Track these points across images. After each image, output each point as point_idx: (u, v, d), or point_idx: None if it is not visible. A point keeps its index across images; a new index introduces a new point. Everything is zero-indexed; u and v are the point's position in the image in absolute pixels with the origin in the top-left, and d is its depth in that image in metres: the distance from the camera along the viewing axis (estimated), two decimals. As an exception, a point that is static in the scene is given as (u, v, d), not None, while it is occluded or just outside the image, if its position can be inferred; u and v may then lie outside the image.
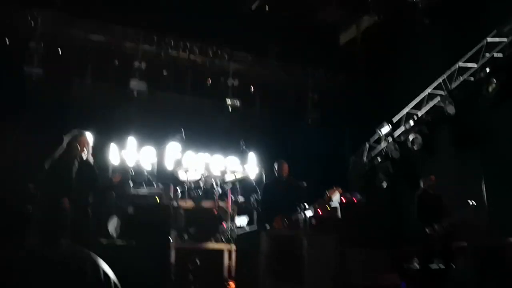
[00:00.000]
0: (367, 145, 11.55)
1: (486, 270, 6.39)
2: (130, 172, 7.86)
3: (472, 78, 9.27)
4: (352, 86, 11.69)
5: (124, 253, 6.10)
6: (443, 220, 7.32)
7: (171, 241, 7.09)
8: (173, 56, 10.50)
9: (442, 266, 7.46)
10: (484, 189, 8.80)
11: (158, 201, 7.21)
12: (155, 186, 7.83)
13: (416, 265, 8.85)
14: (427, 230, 7.35)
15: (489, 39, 8.89)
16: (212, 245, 7.66)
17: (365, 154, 11.63)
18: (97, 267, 1.68)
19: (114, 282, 1.68)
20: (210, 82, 10.91)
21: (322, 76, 11.80)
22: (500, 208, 8.46)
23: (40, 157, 6.23)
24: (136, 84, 9.80)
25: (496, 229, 8.30)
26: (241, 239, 6.75)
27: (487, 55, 8.92)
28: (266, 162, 9.27)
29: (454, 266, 7.00)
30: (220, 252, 7.54)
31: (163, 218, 6.97)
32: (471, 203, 7.42)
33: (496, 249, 6.65)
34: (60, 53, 9.52)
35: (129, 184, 7.60)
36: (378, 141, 11.26)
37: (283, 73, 11.52)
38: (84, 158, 5.95)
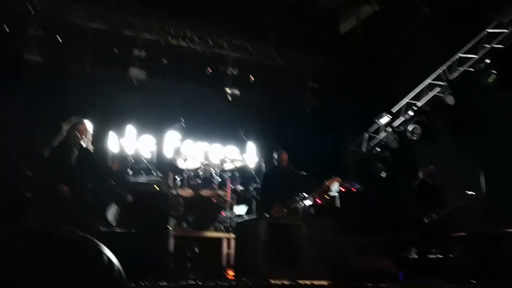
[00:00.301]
0: (366, 135, 11.56)
1: (483, 259, 6.42)
2: (129, 160, 7.88)
3: (472, 69, 9.25)
4: (352, 75, 11.67)
5: (123, 240, 6.10)
6: (441, 209, 7.35)
7: (170, 229, 7.12)
8: (173, 45, 10.47)
9: (440, 255, 7.50)
10: (483, 178, 8.82)
11: (157, 189, 7.22)
12: (154, 174, 7.85)
13: (414, 254, 8.90)
14: (425, 219, 7.39)
15: (489, 30, 8.87)
16: (211, 233, 7.69)
17: (364, 144, 11.64)
18: (100, 251, 1.68)
19: (118, 268, 1.68)
20: (210, 70, 10.89)
21: (321, 65, 11.76)
22: (498, 197, 8.49)
23: (39, 145, 6.25)
24: (135, 72, 9.77)
25: (494, 218, 8.33)
26: (240, 227, 6.77)
27: (487, 46, 8.90)
28: (265, 151, 9.30)
29: (451, 255, 7.03)
30: (219, 240, 7.57)
31: (162, 206, 6.97)
32: (469, 193, 7.44)
33: (493, 238, 6.68)
34: (59, 40, 9.48)
35: (128, 172, 7.61)
36: (377, 131, 11.27)
37: (282, 62, 11.48)
38: (84, 145, 5.96)
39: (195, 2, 9.75)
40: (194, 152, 8.67)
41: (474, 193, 7.49)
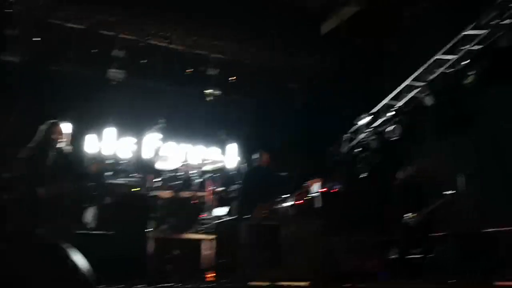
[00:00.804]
0: (347, 136, 11.59)
1: (464, 258, 6.46)
2: (108, 162, 7.78)
3: (450, 70, 9.33)
4: (332, 76, 11.70)
5: (102, 243, 6.03)
6: (422, 209, 7.38)
7: (149, 231, 7.04)
8: (153, 45, 10.36)
9: (421, 255, 7.53)
10: (463, 178, 8.89)
11: (136, 191, 7.14)
12: (134, 176, 7.76)
13: (395, 254, 8.94)
14: (405, 219, 7.40)
15: (467, 32, 8.95)
16: (191, 235, 7.62)
17: (345, 144, 11.67)
18: (66, 256, 1.64)
19: (85, 272, 1.64)
20: (191, 71, 10.81)
21: (302, 66, 11.76)
22: (478, 197, 8.58)
23: (16, 147, 6.12)
24: (115, 73, 9.66)
25: (474, 218, 8.40)
26: (220, 228, 6.72)
27: (465, 47, 8.98)
28: (247, 152, 9.27)
29: (433, 254, 7.07)
30: (199, 242, 7.51)
31: (141, 208, 6.90)
32: (450, 192, 7.49)
33: (473, 237, 6.72)
34: (36, 40, 9.33)
35: (106, 174, 7.51)
36: (358, 131, 11.30)
37: (263, 62, 11.45)
38: (61, 147, 5.86)
39: (175, 2, 9.65)
40: (174, 154, 8.60)
41: (454, 193, 7.53)
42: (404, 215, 7.43)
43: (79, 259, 1.63)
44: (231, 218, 6.80)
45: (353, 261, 6.12)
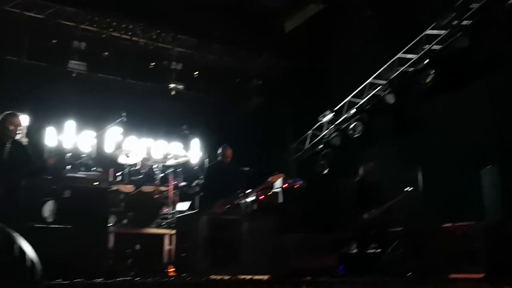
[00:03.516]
0: (310, 132, 11.71)
1: (418, 253, 6.62)
2: (67, 155, 7.62)
3: (411, 69, 9.54)
4: (296, 73, 11.79)
5: (60, 237, 5.91)
6: (380, 205, 7.52)
7: (110, 226, 6.95)
8: (115, 37, 10.21)
9: (378, 250, 7.68)
10: (420, 175, 9.11)
11: (96, 185, 7.02)
12: (94, 170, 7.63)
13: (354, 249, 9.08)
14: (364, 215, 7.53)
15: (428, 32, 9.17)
16: (153, 230, 7.57)
17: (308, 141, 11.80)
18: (12, 242, 1.60)
19: (31, 259, 1.60)
20: (153, 65, 10.71)
21: (266, 63, 11.81)
22: (435, 194, 8.81)
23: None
24: (75, 65, 9.47)
25: (430, 215, 8.63)
26: (181, 222, 6.69)
27: (426, 47, 9.20)
28: (210, 147, 9.24)
29: (389, 250, 7.21)
30: (161, 237, 7.46)
31: (101, 202, 6.78)
32: (407, 189, 7.65)
33: (427, 233, 6.90)
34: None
35: (65, 167, 7.36)
36: (320, 128, 11.44)
37: (227, 58, 11.46)
38: (16, 139, 5.71)
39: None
40: (136, 148, 8.49)
41: (411, 190, 7.70)
42: (362, 211, 7.55)
43: (28, 247, 1.60)
44: (191, 212, 6.75)
45: (305, 258, 6.18)
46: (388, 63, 9.93)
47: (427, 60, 9.09)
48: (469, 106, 8.53)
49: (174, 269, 6.54)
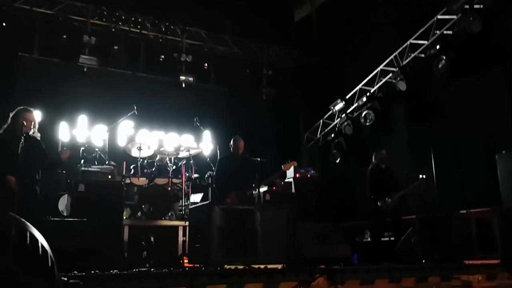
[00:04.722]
0: (321, 121, 11.67)
1: (433, 240, 6.59)
2: (80, 149, 7.67)
3: (422, 55, 9.44)
4: (306, 62, 11.74)
5: (76, 230, 5.95)
6: (394, 193, 7.47)
7: (124, 218, 6.99)
8: (124, 31, 10.23)
9: (392, 238, 7.66)
10: (433, 162, 9.06)
11: (110, 178, 7.07)
12: (107, 163, 7.67)
13: (368, 238, 9.07)
14: (378, 203, 7.48)
15: (439, 17, 9.04)
16: (167, 222, 7.59)
17: (319, 130, 11.76)
18: (24, 231, 1.61)
19: (43, 247, 1.61)
20: (163, 58, 10.73)
21: (276, 53, 11.77)
22: (448, 181, 8.76)
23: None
24: (86, 60, 9.52)
25: (444, 201, 8.59)
26: (193, 213, 6.70)
27: (437, 32, 9.08)
28: (221, 138, 9.25)
29: (403, 238, 7.18)
30: (175, 229, 7.49)
31: (115, 195, 6.82)
32: (421, 177, 7.59)
33: (442, 220, 6.86)
34: (4, 26, 9.13)
35: (79, 161, 7.42)
36: (332, 117, 11.39)
37: (237, 49, 11.44)
38: (30, 134, 5.75)
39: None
40: (148, 141, 8.52)
41: (425, 177, 7.63)
42: (376, 199, 7.51)
43: (40, 236, 1.61)
44: (204, 203, 6.76)
45: (319, 247, 6.18)
46: (399, 50, 9.82)
47: (438, 46, 8.97)
48: (483, 92, 8.44)
49: (188, 260, 6.57)
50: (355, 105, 10.75)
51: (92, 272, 3.97)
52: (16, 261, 1.54)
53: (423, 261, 6.33)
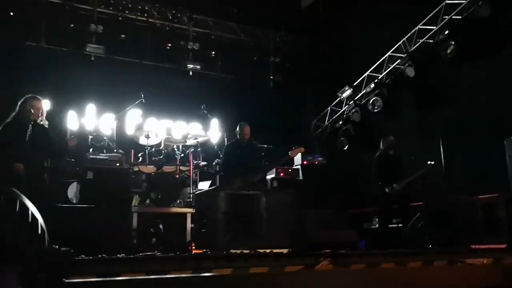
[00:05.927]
0: (329, 109, 11.64)
1: (439, 226, 6.59)
2: (89, 137, 7.73)
3: (431, 40, 9.36)
4: (314, 49, 11.68)
5: (85, 217, 6.03)
6: (402, 179, 7.46)
7: (133, 206, 7.05)
8: (131, 19, 10.25)
9: (400, 224, 7.65)
10: (442, 149, 9.02)
11: (119, 166, 7.12)
12: (115, 151, 7.73)
13: (376, 224, 9.06)
14: (386, 189, 7.48)
15: (448, 1, 8.95)
16: (175, 209, 7.64)
17: (327, 117, 11.74)
18: (14, 199, 1.65)
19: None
20: (170, 46, 10.74)
21: (283, 39, 11.73)
22: (457, 166, 8.72)
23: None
24: (93, 48, 9.56)
25: (452, 188, 8.56)
26: (200, 198, 6.74)
27: (446, 17, 9.00)
28: (229, 126, 9.26)
29: (410, 224, 7.19)
30: (183, 215, 7.53)
31: (124, 182, 6.89)
32: (429, 163, 7.57)
33: (449, 206, 6.85)
34: (11, 15, 9.17)
35: (87, 149, 7.48)
36: (340, 104, 11.35)
37: (244, 36, 11.42)
38: (38, 121, 5.81)
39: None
40: (156, 129, 8.56)
41: (433, 163, 7.61)
42: (384, 185, 7.49)
43: (38, 214, 1.64)
44: (210, 188, 6.79)
45: (326, 233, 6.20)
46: (407, 35, 9.75)
47: (447, 31, 8.89)
48: (492, 77, 8.36)
49: (194, 245, 6.62)
50: (363, 91, 10.71)
51: (99, 256, 4.01)
52: (3, 226, 1.58)
53: (430, 246, 6.33)
